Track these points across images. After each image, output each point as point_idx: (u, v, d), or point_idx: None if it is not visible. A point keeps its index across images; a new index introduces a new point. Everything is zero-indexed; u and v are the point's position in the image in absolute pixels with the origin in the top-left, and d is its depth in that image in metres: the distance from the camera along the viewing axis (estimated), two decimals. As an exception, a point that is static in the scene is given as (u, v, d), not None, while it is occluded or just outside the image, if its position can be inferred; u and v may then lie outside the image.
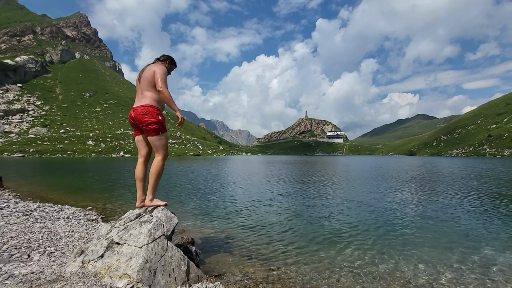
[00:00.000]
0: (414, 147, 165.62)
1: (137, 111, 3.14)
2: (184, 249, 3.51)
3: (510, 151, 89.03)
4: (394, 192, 10.85)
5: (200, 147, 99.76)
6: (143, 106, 3.13)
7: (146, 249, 2.72)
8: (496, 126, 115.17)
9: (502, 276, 3.55)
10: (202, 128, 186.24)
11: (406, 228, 5.70)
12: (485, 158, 69.88)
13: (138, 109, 3.13)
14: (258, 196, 9.64)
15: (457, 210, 7.42)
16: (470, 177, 16.52)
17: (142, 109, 3.11)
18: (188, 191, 10.72)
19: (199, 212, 7.13)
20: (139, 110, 3.12)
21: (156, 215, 3.14)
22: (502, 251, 4.41)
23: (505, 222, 6.21)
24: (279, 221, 6.33)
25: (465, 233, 5.37)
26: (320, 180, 15.25)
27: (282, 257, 4.21)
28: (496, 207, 7.79)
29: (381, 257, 4.19)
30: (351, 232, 5.49)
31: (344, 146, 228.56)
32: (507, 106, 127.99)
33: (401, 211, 7.33)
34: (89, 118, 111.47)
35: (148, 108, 3.11)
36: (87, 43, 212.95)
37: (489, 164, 34.46)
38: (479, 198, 9.32)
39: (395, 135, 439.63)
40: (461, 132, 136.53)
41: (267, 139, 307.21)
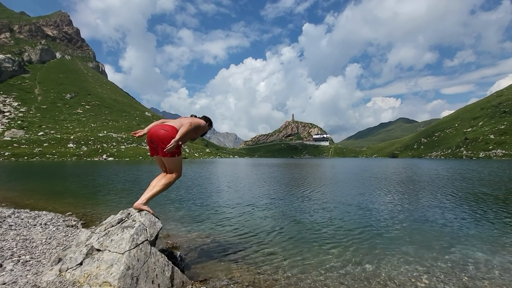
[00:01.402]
0: (396, 150, 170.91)
1: (158, 130, 3.21)
2: (168, 254, 3.43)
3: (485, 153, 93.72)
4: (378, 193, 11.12)
5: (187, 150, 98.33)
6: (169, 126, 3.25)
7: (128, 255, 2.63)
8: (472, 130, 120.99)
9: (480, 273, 3.70)
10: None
11: (390, 229, 5.85)
12: (462, 160, 73.21)
13: (160, 128, 3.22)
14: (245, 200, 9.60)
15: (439, 210, 7.69)
16: (450, 178, 17.23)
17: (167, 129, 3.21)
18: (173, 195, 10.54)
19: (185, 216, 7.01)
20: (162, 130, 3.20)
21: (139, 220, 3.05)
22: (481, 249, 4.61)
23: (483, 221, 6.50)
24: (266, 224, 6.32)
25: (446, 233, 5.57)
26: (307, 183, 15.40)
27: (269, 260, 4.20)
28: (475, 207, 8.15)
29: (366, 258, 4.26)
30: (337, 233, 5.56)
31: (330, 149, 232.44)
32: (481, 111, 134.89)
33: (385, 212, 7.51)
34: (70, 120, 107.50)
35: (173, 131, 3.19)
36: (69, 42, 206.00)
37: (467, 165, 36.10)
38: (459, 198, 9.72)
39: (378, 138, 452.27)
40: (439, 135, 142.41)
41: (254, 142, 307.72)
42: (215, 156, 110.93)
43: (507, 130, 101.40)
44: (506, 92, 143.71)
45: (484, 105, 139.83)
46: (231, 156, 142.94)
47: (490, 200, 9.31)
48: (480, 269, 3.81)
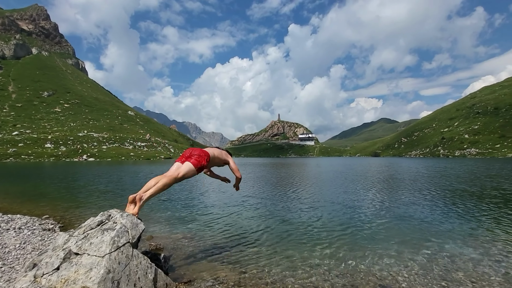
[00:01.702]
0: (378, 149, 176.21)
1: (200, 150, 3.94)
2: (151, 256, 3.35)
3: (460, 152, 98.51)
4: (362, 191, 11.41)
5: (172, 150, 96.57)
6: (211, 147, 4.22)
7: (109, 259, 2.54)
8: (448, 130, 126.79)
9: (456, 266, 3.88)
10: (173, 131, 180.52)
11: (372, 226, 6.01)
12: (439, 159, 76.59)
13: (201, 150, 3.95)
14: (232, 200, 9.55)
15: (419, 207, 8.00)
16: (429, 176, 17.97)
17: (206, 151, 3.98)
18: (159, 196, 10.32)
19: (170, 218, 6.88)
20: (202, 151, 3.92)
21: (121, 222, 2.96)
22: (457, 243, 4.83)
23: (460, 216, 6.83)
24: (253, 224, 6.32)
25: (425, 228, 5.80)
26: (293, 182, 15.55)
27: (255, 260, 4.20)
28: (452, 203, 8.54)
29: (349, 254, 4.36)
30: (322, 231, 5.65)
31: (315, 148, 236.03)
32: (457, 112, 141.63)
33: (368, 210, 7.72)
34: (48, 119, 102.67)
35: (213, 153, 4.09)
36: (46, 38, 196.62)
37: (444, 164, 37.79)
38: (438, 194, 10.15)
39: (362, 137, 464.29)
40: (418, 135, 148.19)
41: (241, 141, 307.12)
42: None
43: (480, 130, 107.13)
44: (479, 94, 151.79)
45: (459, 106, 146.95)
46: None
47: (466, 196, 9.79)
48: (456, 262, 4.00)
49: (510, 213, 7.02)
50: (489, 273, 3.64)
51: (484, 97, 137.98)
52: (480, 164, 34.70)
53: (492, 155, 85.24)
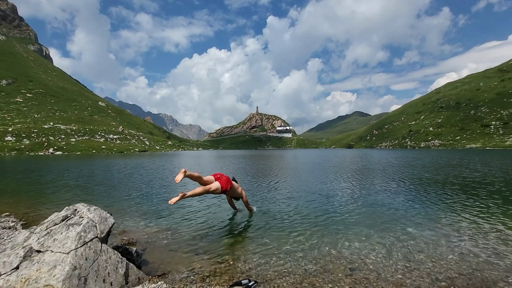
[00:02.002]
0: (352, 141, 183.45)
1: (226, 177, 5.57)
2: (123, 251, 3.24)
3: (425, 144, 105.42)
4: (337, 181, 11.84)
5: (147, 143, 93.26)
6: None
7: (75, 255, 2.42)
8: (415, 123, 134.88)
9: (418, 247, 4.19)
10: (148, 123, 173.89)
11: (345, 213, 6.28)
12: (407, 150, 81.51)
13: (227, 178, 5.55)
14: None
15: (388, 194, 8.48)
16: (398, 166, 19.08)
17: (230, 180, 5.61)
18: (131, 190, 9.96)
19: (145, 212, 6.69)
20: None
21: (87, 216, 2.81)
22: (421, 227, 5.21)
23: (425, 202, 7.34)
24: (227, 215, 6.33)
25: (392, 214, 6.17)
26: (272, 173, 15.74)
27: (230, 250, 4.23)
28: (418, 190, 9.15)
29: (323, 241, 4.53)
30: (298, 219, 5.80)
31: (292, 140, 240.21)
32: (423, 106, 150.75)
33: (342, 198, 8.04)
34: (8, 110, 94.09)
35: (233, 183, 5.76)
36: (3, 20, 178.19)
37: (411, 154, 40.31)
38: (405, 182, 10.82)
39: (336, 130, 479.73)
40: (388, 128, 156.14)
41: (219, 133, 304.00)
42: (178, 148, 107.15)
43: (443, 123, 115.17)
44: (443, 89, 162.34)
45: (426, 101, 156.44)
46: (195, 148, 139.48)
47: (431, 184, 10.54)
48: (418, 244, 4.31)
49: (468, 199, 7.68)
50: (446, 253, 3.98)
51: (447, 92, 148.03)
52: (442, 155, 37.44)
53: (453, 146, 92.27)
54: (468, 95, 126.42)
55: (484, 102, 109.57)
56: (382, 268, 3.53)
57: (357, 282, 3.20)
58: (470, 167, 17.43)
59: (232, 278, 3.31)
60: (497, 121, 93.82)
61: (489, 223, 5.32)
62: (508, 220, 5.51)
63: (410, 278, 3.26)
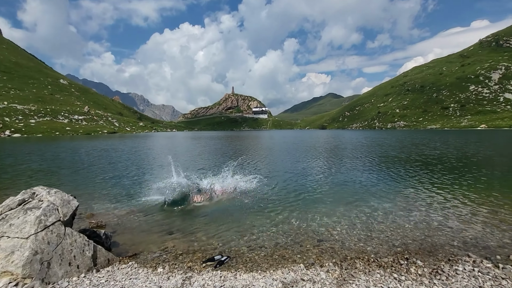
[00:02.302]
0: (325, 122, 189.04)
1: None
2: (90, 233, 3.14)
3: (392, 125, 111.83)
4: (311, 160, 12.25)
5: (116, 124, 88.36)
6: None
7: (35, 239, 2.30)
8: (384, 105, 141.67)
9: (380, 219, 4.55)
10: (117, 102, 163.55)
11: (317, 190, 6.58)
12: (376, 131, 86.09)
13: None
14: (187, 172, 9.32)
15: (358, 172, 8.98)
16: (368, 145, 20.14)
17: None
18: (101, 173, 9.51)
19: (115, 194, 6.46)
20: None
21: (48, 199, 2.65)
22: (384, 200, 5.63)
23: (391, 178, 7.89)
24: (200, 195, 6.32)
25: (360, 190, 6.58)
26: (247, 153, 15.84)
27: (204, 228, 4.28)
28: (385, 167, 9.79)
29: (295, 216, 4.74)
30: (272, 197, 5.98)
31: (268, 122, 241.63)
32: (392, 89, 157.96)
33: (315, 176, 8.38)
34: None
35: None
36: None
37: (379, 135, 42.66)
38: (374, 160, 11.50)
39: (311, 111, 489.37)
40: (359, 109, 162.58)
41: (194, 114, 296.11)
42: (150, 130, 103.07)
43: (409, 105, 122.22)
44: (410, 73, 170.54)
45: (394, 84, 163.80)
46: (168, 129, 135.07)
47: (396, 161, 11.32)
48: (379, 215, 4.69)
49: (426, 174, 8.39)
50: (403, 222, 4.37)
51: (414, 76, 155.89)
52: (406, 135, 40.09)
53: (416, 127, 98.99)
54: (431, 79, 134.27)
55: (445, 86, 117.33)
56: (346, 238, 3.81)
57: (324, 251, 3.44)
58: (430, 146, 18.92)
59: (205, 255, 3.38)
60: (455, 104, 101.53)
61: (443, 195, 5.90)
62: (460, 192, 6.14)
63: (370, 246, 3.56)
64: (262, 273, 2.90)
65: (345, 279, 2.76)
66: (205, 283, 2.67)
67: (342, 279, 2.76)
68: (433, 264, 3.07)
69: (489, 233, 3.88)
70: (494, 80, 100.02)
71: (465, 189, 6.37)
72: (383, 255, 3.32)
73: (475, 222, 4.30)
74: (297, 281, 2.70)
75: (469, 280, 2.70)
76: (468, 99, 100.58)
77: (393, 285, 2.62)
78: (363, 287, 2.59)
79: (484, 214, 4.66)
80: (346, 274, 2.86)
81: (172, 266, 3.06)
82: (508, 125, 64.05)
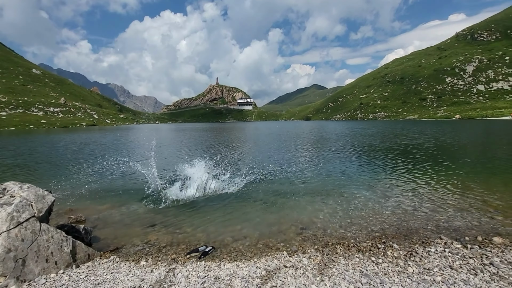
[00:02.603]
0: (309, 113, 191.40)
1: None
2: (68, 229, 3.04)
3: (373, 116, 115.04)
4: (296, 150, 12.42)
5: (95, 116, 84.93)
6: None
7: (7, 237, 2.20)
8: (366, 96, 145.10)
9: (361, 205, 4.72)
10: (96, 94, 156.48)
11: (301, 179, 6.70)
12: (358, 121, 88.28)
13: None
14: (171, 165, 9.18)
15: (341, 161, 9.20)
16: (350, 135, 20.66)
17: None
18: (80, 167, 9.17)
19: (94, 189, 6.27)
20: None
21: (20, 195, 2.53)
22: (365, 188, 5.83)
23: (372, 166, 8.16)
24: (184, 187, 6.25)
25: (342, 178, 6.77)
26: (232, 145, 15.79)
27: (188, 220, 4.26)
28: (367, 156, 10.10)
29: (279, 205, 4.82)
30: (256, 187, 6.02)
31: (253, 113, 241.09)
32: (373, 80, 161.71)
33: (300, 166, 8.50)
34: None
35: None
36: None
37: (361, 125, 43.80)
38: (356, 150, 11.83)
39: (296, 102, 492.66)
40: (343, 101, 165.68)
41: (177, 106, 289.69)
42: (132, 122, 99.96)
43: (389, 97, 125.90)
44: (391, 65, 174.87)
45: (375, 76, 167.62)
46: (151, 121, 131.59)
47: (377, 151, 11.71)
48: (360, 203, 4.86)
49: (405, 162, 8.74)
50: (381, 209, 4.56)
51: (394, 68, 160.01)
52: (387, 125, 41.42)
53: (395, 118, 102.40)
54: (411, 71, 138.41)
55: (424, 78, 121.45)
56: (328, 225, 3.93)
57: (306, 239, 3.53)
58: (409, 135, 19.70)
59: (189, 246, 3.38)
60: (433, 95, 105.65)
61: (419, 182, 6.20)
62: (434, 179, 6.47)
63: (350, 232, 3.70)
64: (246, 262, 2.94)
65: (326, 264, 2.86)
66: (189, 274, 2.68)
67: (323, 264, 2.86)
68: (408, 247, 3.24)
69: (459, 216, 4.14)
70: (468, 72, 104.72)
71: (439, 176, 6.72)
72: (362, 240, 3.46)
73: (447, 207, 4.57)
74: (280, 268, 2.77)
75: (440, 260, 2.89)
76: (444, 91, 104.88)
77: (371, 268, 2.75)
78: (342, 270, 2.71)
79: (455, 199, 4.95)
80: (327, 259, 2.96)
81: (155, 258, 3.04)
82: (480, 116, 67.71)
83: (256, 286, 2.45)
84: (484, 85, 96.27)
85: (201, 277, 2.61)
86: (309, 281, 2.51)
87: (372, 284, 2.45)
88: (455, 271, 2.64)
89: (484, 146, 13.32)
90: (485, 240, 3.36)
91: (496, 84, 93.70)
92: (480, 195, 5.12)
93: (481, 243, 3.29)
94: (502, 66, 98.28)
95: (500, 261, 2.82)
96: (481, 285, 2.40)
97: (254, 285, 2.46)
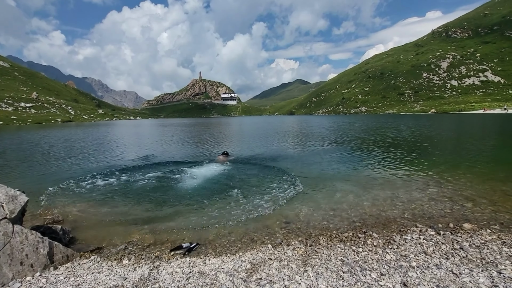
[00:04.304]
0: (293, 108, 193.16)
1: None
2: (44, 230, 2.92)
3: (355, 110, 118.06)
4: (280, 145, 12.52)
5: (71, 112, 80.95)
6: None
7: (-24, 240, 2.07)
8: (348, 91, 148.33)
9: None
10: (71, 88, 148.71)
11: (286, 174, 6.76)
12: (340, 116, 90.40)
13: None
14: (153, 162, 8.97)
15: (326, 155, 9.39)
16: (334, 129, 21.11)
17: None
18: (56, 165, 8.77)
19: (72, 188, 6.02)
20: None
21: (-11, 196, 2.39)
22: (345, 181, 6.00)
23: (357, 159, 8.39)
24: (168, 185, 6.17)
25: (328, 173, 6.92)
26: (216, 141, 15.65)
27: (172, 218, 4.20)
28: (352, 150, 10.37)
29: (264, 200, 4.86)
30: (241, 183, 6.03)
31: (237, 108, 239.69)
32: (355, 75, 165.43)
33: (283, 160, 8.59)
34: None
35: None
36: None
37: (344, 120, 44.85)
38: (340, 144, 12.12)
39: (280, 97, 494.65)
40: (325, 95, 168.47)
41: (159, 101, 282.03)
42: (111, 118, 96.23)
43: (370, 91, 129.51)
44: (371, 60, 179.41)
45: (357, 71, 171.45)
46: (131, 117, 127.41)
47: (357, 144, 12.05)
48: (342, 195, 5.01)
49: (384, 154, 9.07)
50: (362, 200, 4.73)
51: (375, 63, 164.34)
52: (368, 120, 42.70)
53: (376, 112, 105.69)
54: (390, 66, 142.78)
55: (402, 73, 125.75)
56: (311, 218, 4.03)
57: (290, 232, 3.61)
58: (390, 129, 20.42)
59: (174, 244, 3.34)
60: (410, 90, 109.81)
61: (396, 174, 6.47)
62: (411, 170, 6.78)
63: (333, 223, 3.82)
64: (232, 256, 2.97)
65: (310, 255, 2.94)
66: (173, 271, 2.66)
67: (307, 255, 2.94)
68: (387, 235, 3.39)
69: (433, 205, 4.38)
70: (443, 68, 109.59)
71: (415, 167, 7.05)
72: (343, 230, 3.58)
73: (423, 196, 4.81)
74: (265, 261, 2.81)
75: (415, 247, 3.05)
76: (421, 86, 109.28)
77: (352, 257, 2.86)
78: (325, 260, 2.79)
79: (430, 189, 5.22)
80: (311, 250, 3.04)
81: (138, 257, 2.99)
82: (453, 110, 71.28)
83: (241, 279, 2.48)
84: (457, 80, 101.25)
85: (185, 273, 2.60)
86: (293, 272, 2.57)
87: (353, 272, 2.55)
88: (429, 256, 2.81)
89: (458, 139, 14.09)
90: (456, 226, 3.59)
91: (468, 79, 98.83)
92: (452, 185, 5.43)
93: (452, 229, 3.50)
94: (474, 63, 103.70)
95: (469, 246, 3.02)
96: (452, 268, 2.56)
97: (239, 279, 2.48)
